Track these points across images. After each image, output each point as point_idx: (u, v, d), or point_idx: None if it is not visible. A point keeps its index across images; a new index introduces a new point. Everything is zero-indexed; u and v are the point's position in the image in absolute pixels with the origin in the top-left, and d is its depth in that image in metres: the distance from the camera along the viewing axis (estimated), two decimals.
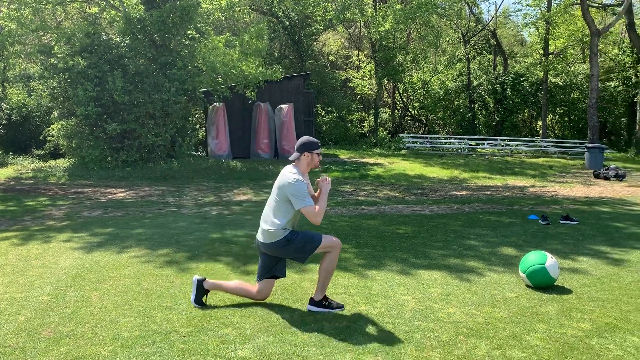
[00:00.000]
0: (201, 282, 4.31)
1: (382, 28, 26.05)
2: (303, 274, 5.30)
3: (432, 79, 32.31)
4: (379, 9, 28.18)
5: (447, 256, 6.15)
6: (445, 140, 27.39)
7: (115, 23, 18.25)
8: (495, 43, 31.66)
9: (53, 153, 21.67)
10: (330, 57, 35.73)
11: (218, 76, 18.12)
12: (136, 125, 16.06)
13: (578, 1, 25.07)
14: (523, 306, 4.43)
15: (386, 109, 35.32)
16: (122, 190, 12.78)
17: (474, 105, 31.71)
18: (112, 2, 17.93)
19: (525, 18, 30.26)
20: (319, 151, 4.26)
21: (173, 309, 4.23)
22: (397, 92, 33.51)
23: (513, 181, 15.90)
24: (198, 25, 17.84)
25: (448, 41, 33.55)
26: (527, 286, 4.98)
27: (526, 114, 33.41)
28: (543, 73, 28.68)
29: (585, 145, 21.83)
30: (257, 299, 4.36)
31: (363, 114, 34.90)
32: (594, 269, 5.70)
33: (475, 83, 31.57)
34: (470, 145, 25.77)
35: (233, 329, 3.83)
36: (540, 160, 22.63)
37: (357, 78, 31.90)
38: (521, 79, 30.17)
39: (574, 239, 7.29)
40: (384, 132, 30.69)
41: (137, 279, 5.07)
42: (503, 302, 4.52)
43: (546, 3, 27.98)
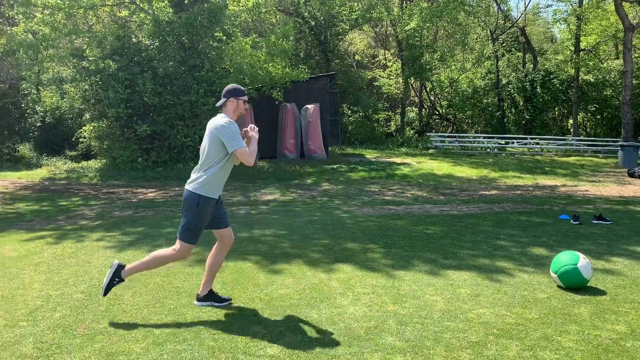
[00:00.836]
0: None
1: (409, 26, 25.88)
2: (330, 274, 5.31)
3: (460, 77, 31.97)
4: (406, 8, 28.01)
5: (477, 256, 6.08)
6: (474, 139, 27.07)
7: (144, 26, 18.57)
8: (524, 40, 31.13)
9: (85, 154, 22.17)
10: (356, 57, 35.67)
11: (245, 77, 18.26)
12: (166, 126, 16.31)
13: None
14: (555, 307, 4.35)
15: (413, 108, 35.09)
16: (153, 190, 12.99)
17: (503, 103, 31.25)
18: (142, 6, 18.25)
19: (555, 14, 29.56)
20: (245, 98, 4.28)
21: (203, 307, 4.29)
22: (425, 91, 33.26)
23: (543, 180, 15.63)
24: (225, 27, 18.03)
25: (476, 39, 33.14)
26: (559, 287, 4.89)
27: (557, 112, 32.77)
28: (574, 70, 28.10)
29: (619, 143, 21.31)
30: (226, 247, 4.39)
31: (389, 113, 34.74)
32: (629, 270, 5.56)
33: (504, 81, 31.11)
34: (499, 144, 25.43)
35: (262, 327, 3.86)
36: (571, 159, 22.19)
37: (384, 77, 31.77)
38: (551, 77, 29.61)
39: (608, 239, 7.12)
40: (411, 131, 30.50)
41: (168, 277, 5.15)
42: (534, 303, 4.45)
43: None
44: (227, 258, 5.96)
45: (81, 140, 20.97)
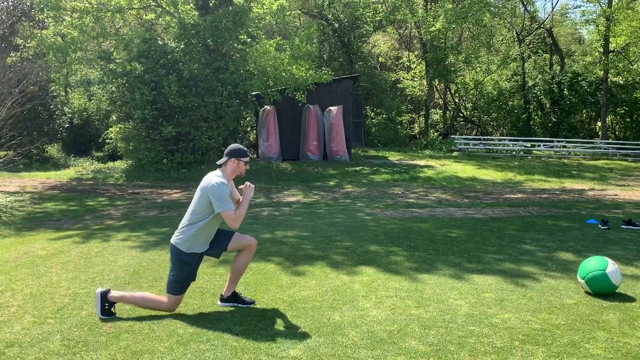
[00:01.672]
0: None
1: (434, 28, 25.71)
2: (353, 276, 5.29)
3: (485, 79, 31.63)
4: (430, 9, 27.84)
5: (502, 261, 6.00)
6: (499, 141, 26.74)
7: (170, 29, 18.82)
8: (551, 42, 30.65)
9: (111, 155, 22.54)
10: (379, 59, 35.58)
11: (269, 79, 18.38)
12: (190, 128, 16.49)
13: None
14: (582, 313, 4.26)
15: (437, 110, 34.84)
16: (177, 191, 13.13)
17: (529, 105, 30.82)
18: (168, 9, 18.49)
19: (583, 15, 29.03)
20: (247, 159, 4.25)
21: (226, 308, 4.31)
22: (449, 93, 32.99)
23: (571, 184, 15.35)
24: (250, 29, 18.16)
25: (502, 40, 32.76)
26: (587, 293, 4.79)
27: (584, 115, 32.19)
28: (603, 72, 27.54)
29: None
30: (250, 251, 4.39)
31: (413, 116, 34.54)
32: None
33: (530, 83, 30.67)
34: (525, 146, 25.07)
35: (285, 329, 3.87)
36: (599, 162, 21.75)
37: (407, 79, 31.61)
38: (579, 79, 29.09)
39: (637, 245, 6.95)
40: (435, 134, 30.27)
41: None
42: (561, 309, 4.36)
43: None
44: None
45: (108, 141, 21.33)
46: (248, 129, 22.55)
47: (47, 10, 17.48)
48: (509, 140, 26.45)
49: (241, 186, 4.30)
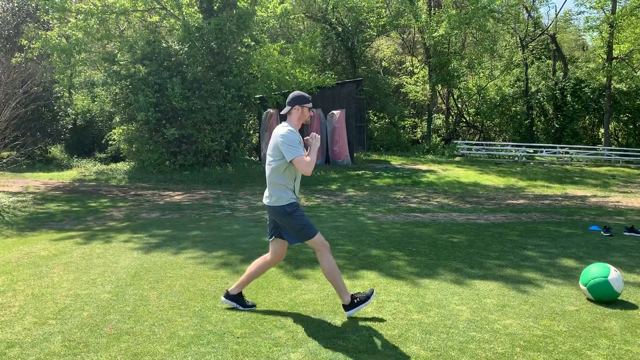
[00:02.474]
0: (228, 295, 4.38)
1: (437, 33, 25.74)
2: (355, 281, 5.29)
3: (488, 85, 31.64)
4: (434, 15, 27.87)
5: (504, 266, 5.99)
6: (501, 147, 26.72)
7: (174, 31, 18.88)
8: (554, 48, 30.66)
9: (114, 156, 22.57)
10: (383, 63, 35.62)
11: (272, 83, 18.41)
12: (193, 130, 16.51)
13: None
14: (584, 320, 4.25)
15: (440, 115, 34.84)
16: (179, 193, 13.15)
17: (532, 111, 30.80)
18: (172, 11, 18.55)
19: (587, 21, 29.03)
20: (310, 105, 4.23)
21: (227, 310, 4.31)
22: (452, 98, 33.01)
23: (573, 190, 15.33)
24: (253, 33, 18.20)
25: (505, 46, 32.77)
26: (588, 300, 4.78)
27: (587, 121, 32.15)
28: (606, 79, 27.52)
29: None
30: (275, 262, 4.36)
31: (416, 120, 34.56)
32: None
33: (533, 89, 30.67)
34: (527, 152, 25.04)
35: (285, 332, 3.86)
36: (602, 169, 21.72)
37: (410, 84, 31.63)
38: (582, 85, 29.07)
39: None
40: (438, 139, 30.27)
41: (193, 280, 5.20)
42: (562, 316, 4.35)
43: (610, 5, 26.88)
44: (252, 262, 5.97)
45: (111, 142, 21.37)
46: (251, 132, 22.56)
47: (52, 11, 17.55)
48: (512, 146, 26.43)
49: (306, 137, 4.27)
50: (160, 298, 4.62)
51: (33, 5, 23.05)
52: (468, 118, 33.58)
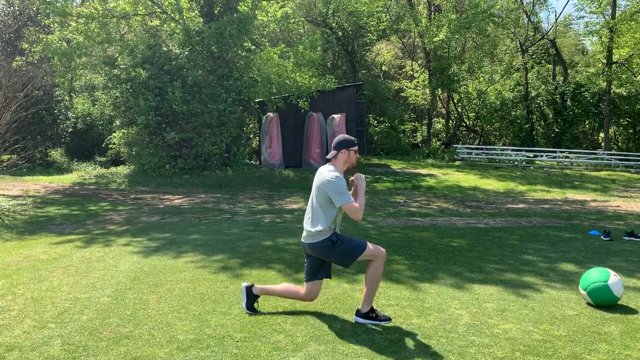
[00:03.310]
0: (250, 288, 4.39)
1: (437, 38, 25.79)
2: (354, 284, 5.28)
3: (488, 89, 31.68)
4: (434, 19, 27.93)
5: (503, 271, 5.99)
6: (501, 151, 26.73)
7: (175, 35, 18.91)
8: (554, 52, 30.71)
9: (114, 160, 22.57)
10: (383, 67, 35.67)
11: (272, 87, 18.44)
12: (193, 134, 16.53)
13: None
14: (584, 325, 4.25)
15: (440, 119, 34.87)
16: (179, 196, 13.15)
17: (532, 116, 30.83)
18: (173, 15, 18.59)
19: (587, 26, 29.12)
20: (356, 148, 4.24)
21: (227, 314, 4.31)
22: (452, 102, 33.04)
23: (573, 195, 15.33)
24: (254, 37, 18.23)
25: (505, 50, 32.83)
26: (588, 304, 4.78)
27: (587, 126, 32.18)
28: (606, 83, 27.57)
29: None
30: (306, 300, 4.38)
31: (416, 124, 34.58)
32: None
33: (533, 93, 30.71)
34: (527, 157, 25.05)
35: (285, 336, 3.86)
36: (602, 173, 21.73)
37: (411, 88, 31.67)
38: (582, 90, 29.11)
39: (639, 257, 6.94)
40: (438, 143, 30.29)
41: (193, 284, 5.19)
42: (562, 320, 4.35)
43: (610, 10, 26.95)
44: (251, 266, 5.99)
45: (111, 146, 21.38)
46: (251, 136, 22.59)
47: (53, 15, 17.59)
48: (512, 150, 26.45)
49: (351, 178, 4.28)
50: (159, 302, 4.61)
51: (34, 9, 23.11)
52: (468, 122, 33.61)
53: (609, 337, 3.99)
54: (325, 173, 4.12)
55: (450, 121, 33.52)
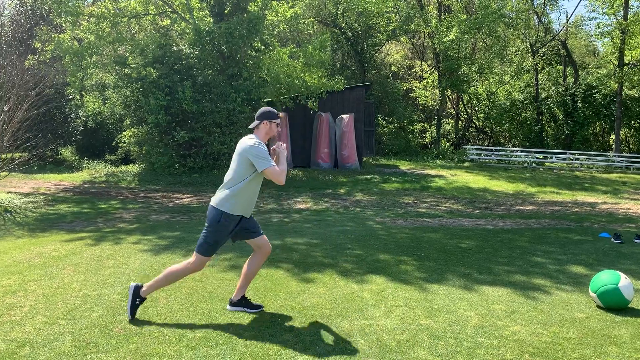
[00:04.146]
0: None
1: (447, 38, 25.72)
2: (363, 285, 5.29)
3: (498, 90, 31.54)
4: (444, 20, 27.85)
5: (513, 273, 5.96)
6: (511, 152, 26.61)
7: (185, 35, 18.98)
8: (565, 53, 30.52)
9: (124, 159, 22.70)
10: (392, 68, 35.61)
11: (281, 87, 18.47)
12: (203, 133, 16.59)
13: None
14: (594, 328, 4.23)
15: (449, 120, 34.76)
16: (189, 195, 13.20)
17: (542, 117, 30.65)
18: (183, 15, 18.67)
19: (598, 27, 28.92)
20: (278, 121, 4.34)
21: (236, 313, 4.33)
22: (461, 103, 32.93)
23: (583, 197, 15.23)
24: (264, 37, 18.27)
25: (515, 51, 32.68)
26: (598, 307, 4.75)
27: (598, 128, 31.95)
28: (617, 85, 27.36)
29: None
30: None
31: (425, 125, 34.49)
32: None
33: (543, 95, 30.53)
34: (537, 158, 24.91)
35: (293, 336, 3.87)
36: (612, 175, 21.57)
37: (420, 88, 31.60)
38: (593, 91, 28.90)
39: None
40: (447, 144, 30.19)
41: (202, 282, 5.22)
42: (572, 323, 4.33)
43: (622, 11, 26.74)
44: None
45: (121, 145, 21.49)
46: None
47: (65, 15, 17.71)
48: (521, 151, 26.31)
49: (273, 147, 4.37)
50: (169, 300, 4.64)
51: (46, 8, 23.28)
52: (477, 123, 33.49)
53: (619, 340, 3.97)
54: (247, 140, 4.18)
55: (459, 122, 33.41)
